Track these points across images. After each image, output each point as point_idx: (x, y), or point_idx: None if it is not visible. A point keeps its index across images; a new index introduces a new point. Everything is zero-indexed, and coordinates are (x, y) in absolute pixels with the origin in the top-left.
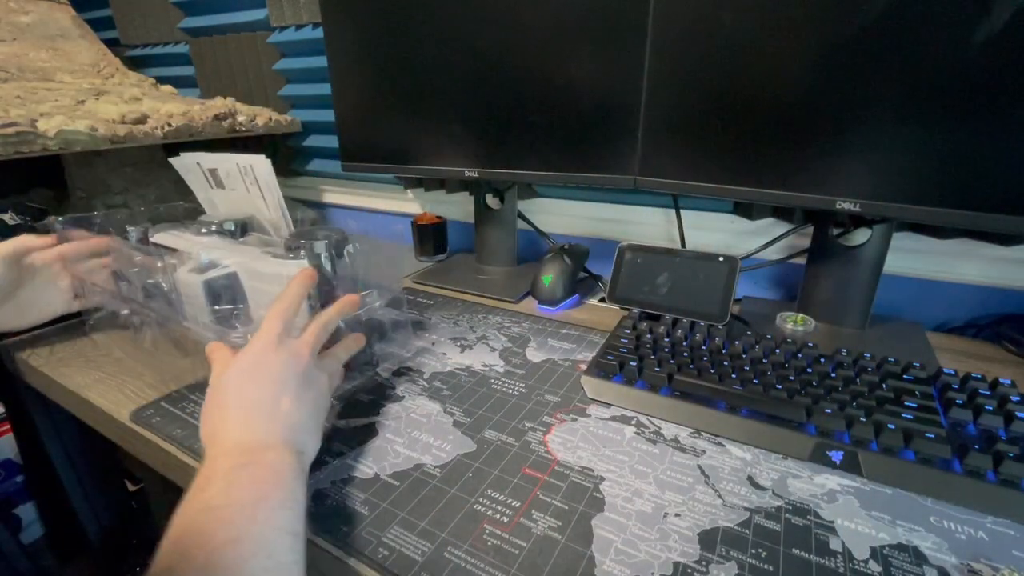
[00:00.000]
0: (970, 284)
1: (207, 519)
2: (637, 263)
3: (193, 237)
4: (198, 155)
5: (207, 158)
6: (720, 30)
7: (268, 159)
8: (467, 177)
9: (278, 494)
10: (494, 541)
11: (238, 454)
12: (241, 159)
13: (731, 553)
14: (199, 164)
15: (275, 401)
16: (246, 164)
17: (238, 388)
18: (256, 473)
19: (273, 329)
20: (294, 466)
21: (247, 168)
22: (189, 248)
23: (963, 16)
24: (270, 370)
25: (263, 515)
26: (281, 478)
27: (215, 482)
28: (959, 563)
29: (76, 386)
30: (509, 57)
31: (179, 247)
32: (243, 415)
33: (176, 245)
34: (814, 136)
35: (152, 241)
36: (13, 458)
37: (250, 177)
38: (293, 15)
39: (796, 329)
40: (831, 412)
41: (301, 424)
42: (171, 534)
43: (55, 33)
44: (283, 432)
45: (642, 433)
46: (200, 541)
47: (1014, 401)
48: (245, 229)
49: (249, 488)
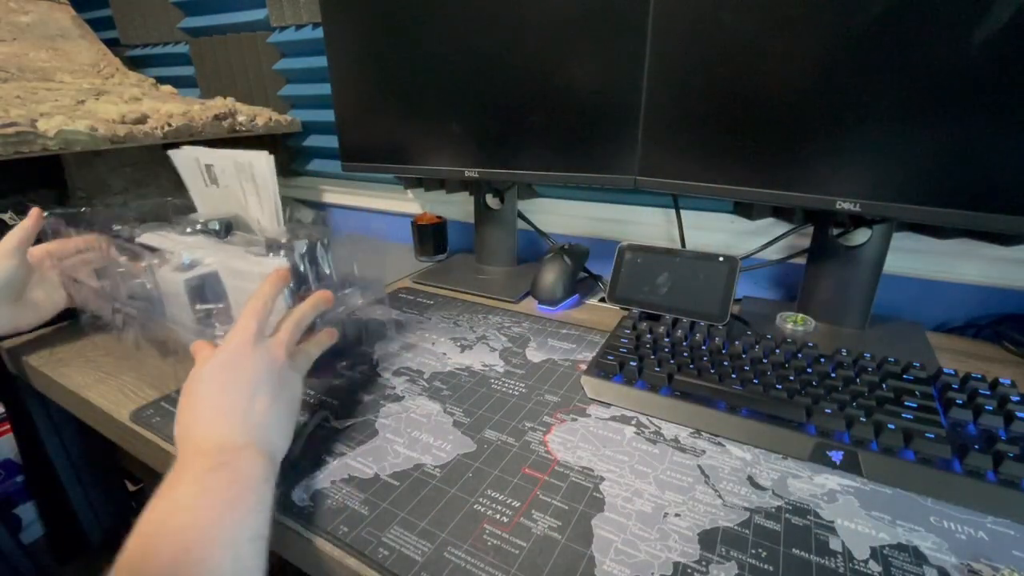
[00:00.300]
0: (970, 284)
1: (177, 520)
2: (637, 263)
3: (178, 237)
4: (197, 150)
5: (205, 153)
6: (720, 30)
7: (271, 155)
8: (467, 177)
9: (249, 498)
10: (494, 541)
11: (212, 455)
12: (241, 155)
13: (731, 553)
14: (197, 159)
15: (250, 402)
16: (245, 161)
17: (212, 387)
18: (228, 476)
19: (248, 328)
20: (265, 469)
21: (246, 164)
22: (173, 248)
23: (963, 16)
24: (245, 370)
25: (232, 519)
26: (252, 482)
27: (187, 483)
28: (959, 563)
29: (76, 386)
30: (509, 57)
31: (163, 247)
32: (217, 415)
33: (161, 245)
34: (814, 136)
35: (138, 241)
36: (13, 458)
37: (246, 174)
38: (293, 15)
39: (796, 329)
40: (831, 412)
41: (274, 425)
42: (140, 530)
43: (55, 33)
44: (257, 433)
45: (642, 433)
46: (168, 541)
47: (1014, 401)
48: (230, 228)
49: (220, 491)
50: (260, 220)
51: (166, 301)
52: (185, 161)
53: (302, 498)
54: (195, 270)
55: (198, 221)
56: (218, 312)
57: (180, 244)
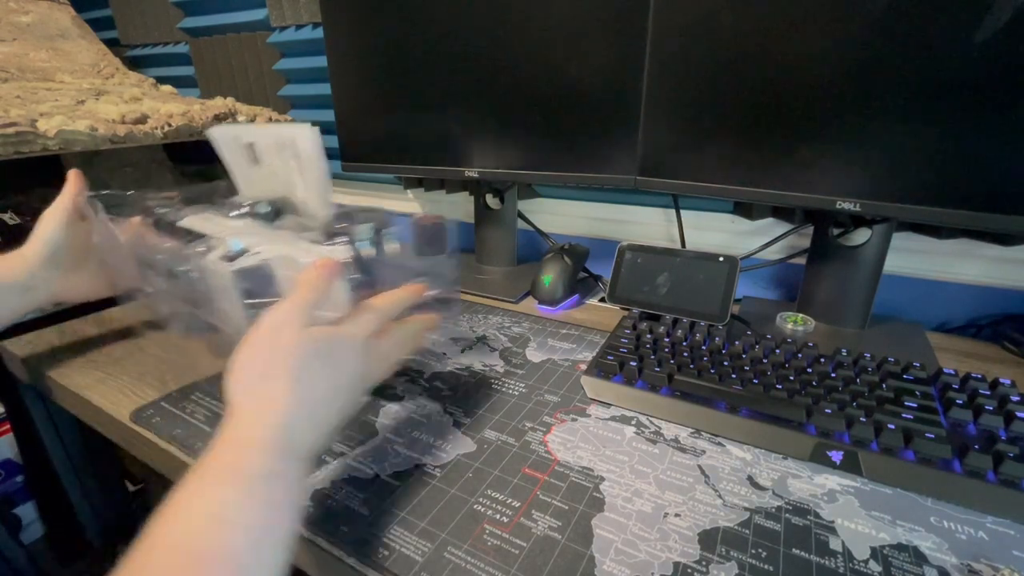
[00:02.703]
0: (970, 284)
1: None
2: (637, 263)
3: (223, 220)
4: (236, 127)
5: (246, 130)
6: (720, 30)
7: (315, 128)
8: (467, 177)
9: (287, 524)
10: (494, 541)
11: (271, 455)
12: (283, 130)
13: (731, 553)
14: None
15: (328, 405)
16: (288, 136)
17: (300, 363)
18: (278, 495)
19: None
20: (304, 487)
21: (289, 140)
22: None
23: (963, 16)
24: (344, 364)
25: (267, 545)
26: (294, 505)
27: (236, 483)
28: (959, 563)
29: (76, 386)
30: (509, 57)
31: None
32: (294, 404)
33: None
34: (814, 136)
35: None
36: (13, 458)
37: (290, 151)
38: (293, 15)
39: (796, 329)
40: (831, 412)
41: (331, 435)
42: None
43: (55, 33)
44: (318, 444)
45: (642, 433)
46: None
47: (1014, 401)
48: (280, 212)
49: (266, 511)
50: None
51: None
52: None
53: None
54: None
55: (243, 204)
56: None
57: (226, 228)
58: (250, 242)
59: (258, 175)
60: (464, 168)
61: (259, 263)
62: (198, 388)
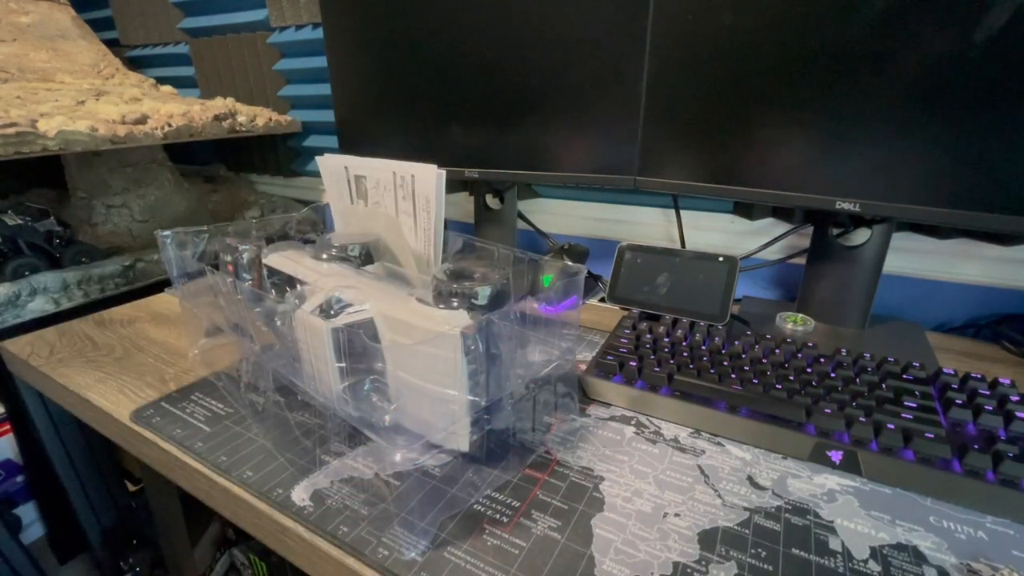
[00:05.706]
0: (970, 284)
1: None
2: (637, 263)
3: (311, 263)
4: (347, 158)
5: (356, 163)
6: (720, 30)
7: (441, 171)
8: (467, 177)
9: None
10: (494, 541)
11: None
12: (403, 167)
13: (731, 553)
14: (346, 168)
15: None
16: (406, 173)
17: None
18: None
19: None
20: None
21: (407, 178)
22: (306, 276)
23: (963, 16)
24: None
25: None
26: None
27: None
28: (959, 563)
29: (76, 386)
30: (509, 57)
31: (296, 274)
32: None
33: (292, 271)
34: (814, 136)
35: (264, 263)
36: (13, 458)
37: (406, 189)
38: (293, 15)
39: (796, 329)
40: (831, 412)
41: None
42: None
43: (55, 33)
44: None
45: (642, 433)
46: None
47: (1014, 401)
48: (370, 256)
49: None
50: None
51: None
52: (332, 169)
53: (302, 498)
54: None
55: (334, 244)
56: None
57: (314, 273)
58: (351, 296)
59: (360, 213)
60: (464, 168)
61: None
62: (198, 388)
